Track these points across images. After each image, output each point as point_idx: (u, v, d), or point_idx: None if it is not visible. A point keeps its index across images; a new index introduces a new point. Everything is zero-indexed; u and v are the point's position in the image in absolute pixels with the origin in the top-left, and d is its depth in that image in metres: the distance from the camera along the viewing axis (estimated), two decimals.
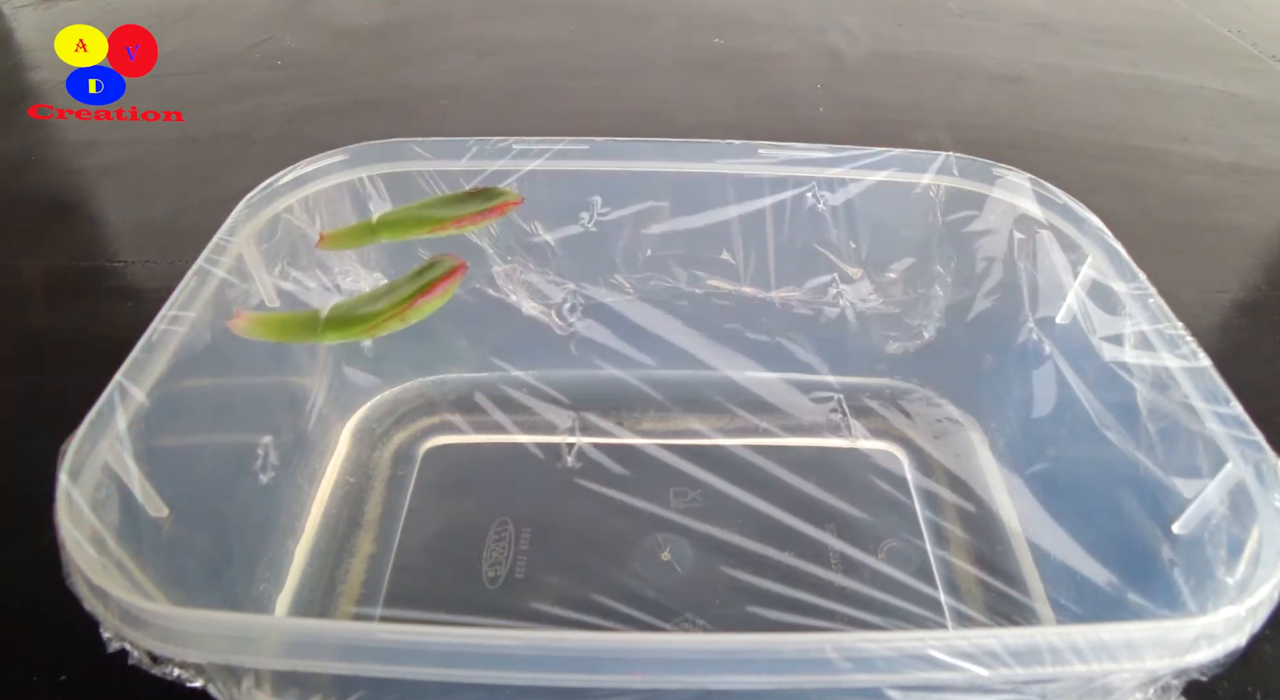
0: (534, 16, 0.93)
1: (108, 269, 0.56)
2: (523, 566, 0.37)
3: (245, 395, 0.37)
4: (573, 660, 0.22)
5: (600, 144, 0.41)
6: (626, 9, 0.95)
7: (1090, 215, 0.38)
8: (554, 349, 0.45)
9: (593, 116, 0.74)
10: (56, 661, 0.34)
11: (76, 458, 0.26)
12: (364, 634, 0.22)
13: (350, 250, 0.41)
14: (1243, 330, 0.53)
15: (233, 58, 0.84)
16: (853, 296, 0.44)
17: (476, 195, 0.36)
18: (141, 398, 0.29)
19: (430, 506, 0.40)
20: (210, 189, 0.63)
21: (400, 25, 0.91)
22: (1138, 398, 0.33)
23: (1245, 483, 0.27)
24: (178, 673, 0.24)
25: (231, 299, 0.35)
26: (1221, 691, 0.34)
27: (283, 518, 0.38)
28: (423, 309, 0.31)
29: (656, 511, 0.40)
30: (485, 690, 0.24)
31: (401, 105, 0.76)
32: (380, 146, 0.41)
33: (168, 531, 0.29)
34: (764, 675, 0.22)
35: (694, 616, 0.35)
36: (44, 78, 0.81)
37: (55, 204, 0.64)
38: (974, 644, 0.21)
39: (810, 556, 0.38)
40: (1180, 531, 0.30)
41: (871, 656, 0.21)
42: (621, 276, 0.44)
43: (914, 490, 0.41)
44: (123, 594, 0.22)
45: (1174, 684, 0.24)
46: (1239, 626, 0.23)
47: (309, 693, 0.27)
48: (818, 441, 0.44)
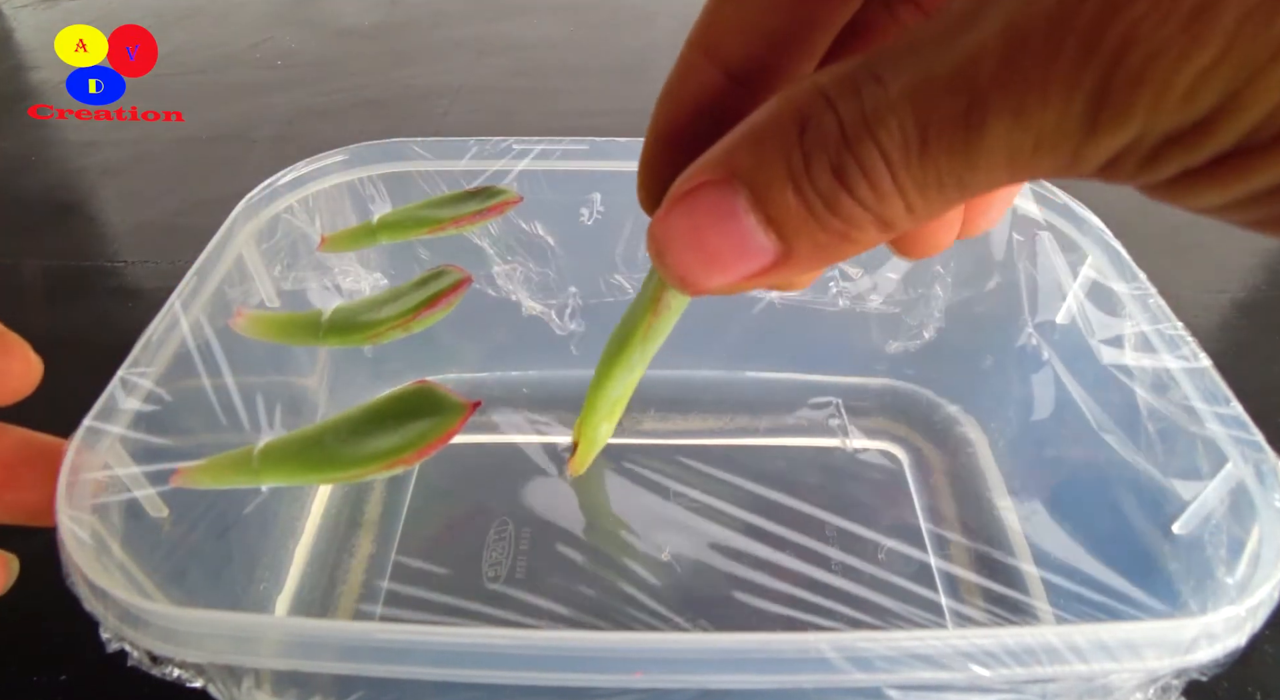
0: (534, 16, 0.93)
1: (108, 269, 0.56)
2: (523, 566, 0.37)
3: (245, 395, 0.37)
4: (572, 659, 0.22)
5: (600, 144, 0.41)
6: (626, 9, 0.95)
7: (1090, 215, 0.38)
8: (554, 349, 0.45)
9: (593, 116, 0.74)
10: (56, 661, 0.34)
11: (76, 458, 0.26)
12: (364, 633, 0.22)
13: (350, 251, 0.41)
14: (1243, 330, 0.53)
15: (233, 58, 0.84)
16: (853, 296, 0.44)
17: (476, 194, 0.36)
18: (142, 397, 0.29)
19: (430, 506, 0.40)
20: (210, 189, 0.63)
21: (400, 25, 0.91)
22: (1138, 398, 0.33)
23: (1245, 483, 0.27)
24: (178, 673, 0.24)
25: (231, 299, 0.35)
26: (1221, 691, 0.34)
27: (283, 518, 0.38)
28: (426, 321, 0.31)
29: (656, 511, 0.40)
30: (485, 690, 0.24)
31: (401, 105, 0.76)
32: (380, 146, 0.41)
33: (168, 531, 0.29)
34: (763, 674, 0.22)
35: (694, 616, 0.35)
36: (44, 78, 0.81)
37: (55, 204, 0.64)
38: (973, 643, 0.21)
39: (810, 557, 0.38)
40: (1180, 531, 0.30)
41: (871, 656, 0.21)
42: (621, 276, 0.44)
43: (914, 490, 0.41)
44: (123, 594, 0.22)
45: (1174, 684, 0.24)
46: (1239, 626, 0.23)
47: (309, 692, 0.27)
48: (818, 441, 0.44)
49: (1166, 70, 0.09)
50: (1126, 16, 0.09)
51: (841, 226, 0.12)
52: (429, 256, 0.43)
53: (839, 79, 0.11)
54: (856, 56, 0.12)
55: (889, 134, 0.11)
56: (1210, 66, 0.09)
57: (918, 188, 0.11)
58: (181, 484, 0.25)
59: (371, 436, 0.25)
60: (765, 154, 0.12)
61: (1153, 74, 0.09)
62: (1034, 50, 0.10)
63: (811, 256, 0.12)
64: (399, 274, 0.43)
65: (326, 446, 0.25)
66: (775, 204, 0.12)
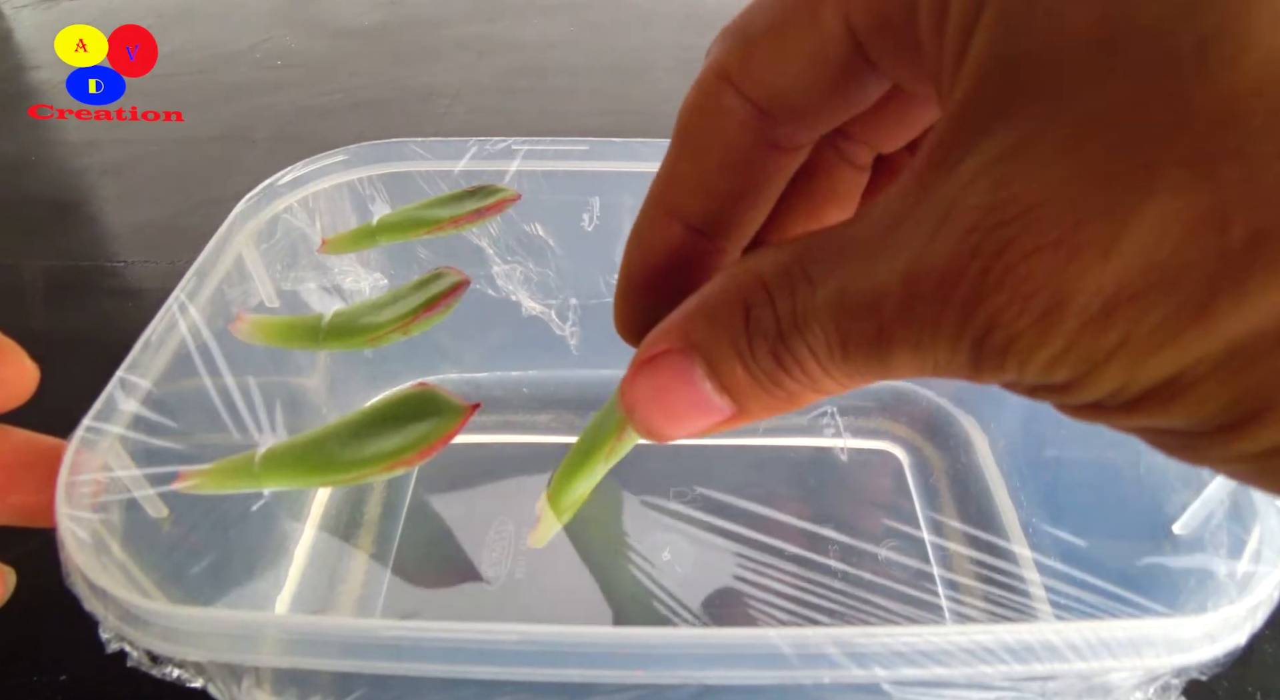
0: (534, 16, 0.93)
1: (108, 269, 0.56)
2: (523, 566, 0.37)
3: (245, 395, 0.37)
4: (573, 655, 0.22)
5: (600, 144, 0.41)
6: (626, 9, 0.95)
7: None
8: (554, 349, 0.45)
9: (593, 116, 0.74)
10: (56, 661, 0.34)
11: (76, 458, 0.26)
12: (364, 631, 0.22)
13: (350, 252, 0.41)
14: None
15: (233, 58, 0.84)
16: None
17: (474, 193, 0.36)
18: (141, 398, 0.29)
19: (430, 506, 0.40)
20: (210, 189, 0.63)
21: (400, 25, 0.91)
22: None
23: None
24: (177, 672, 0.24)
25: (231, 299, 0.35)
26: (1221, 691, 0.34)
27: (283, 518, 0.38)
28: (425, 323, 0.31)
29: (656, 511, 0.40)
30: (485, 687, 0.24)
31: (401, 105, 0.76)
32: (380, 146, 0.41)
33: (168, 531, 0.29)
34: (763, 670, 0.22)
35: (694, 616, 0.35)
36: (44, 78, 0.81)
37: (55, 204, 0.64)
38: (974, 640, 0.21)
39: (811, 557, 0.38)
40: (1180, 531, 0.30)
41: (871, 652, 0.21)
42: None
43: (914, 490, 0.41)
44: (122, 593, 0.22)
45: (1174, 683, 0.24)
46: (1239, 626, 0.23)
47: (309, 691, 0.27)
48: (818, 441, 0.44)
49: (1024, 352, 0.11)
50: (990, 305, 0.11)
51: (785, 394, 0.14)
52: (429, 257, 0.43)
53: (778, 272, 0.13)
54: (797, 240, 0.14)
55: (815, 338, 0.13)
56: (1058, 356, 0.11)
57: (844, 376, 0.13)
58: (184, 489, 0.25)
59: (372, 439, 0.25)
60: (716, 331, 0.14)
61: (1013, 352, 0.11)
62: (925, 305, 0.11)
63: (762, 413, 0.15)
64: (399, 274, 0.43)
65: (327, 450, 0.25)
66: (727, 375, 0.14)
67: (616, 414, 0.19)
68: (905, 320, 0.12)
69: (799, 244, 0.13)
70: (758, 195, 0.16)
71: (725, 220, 0.17)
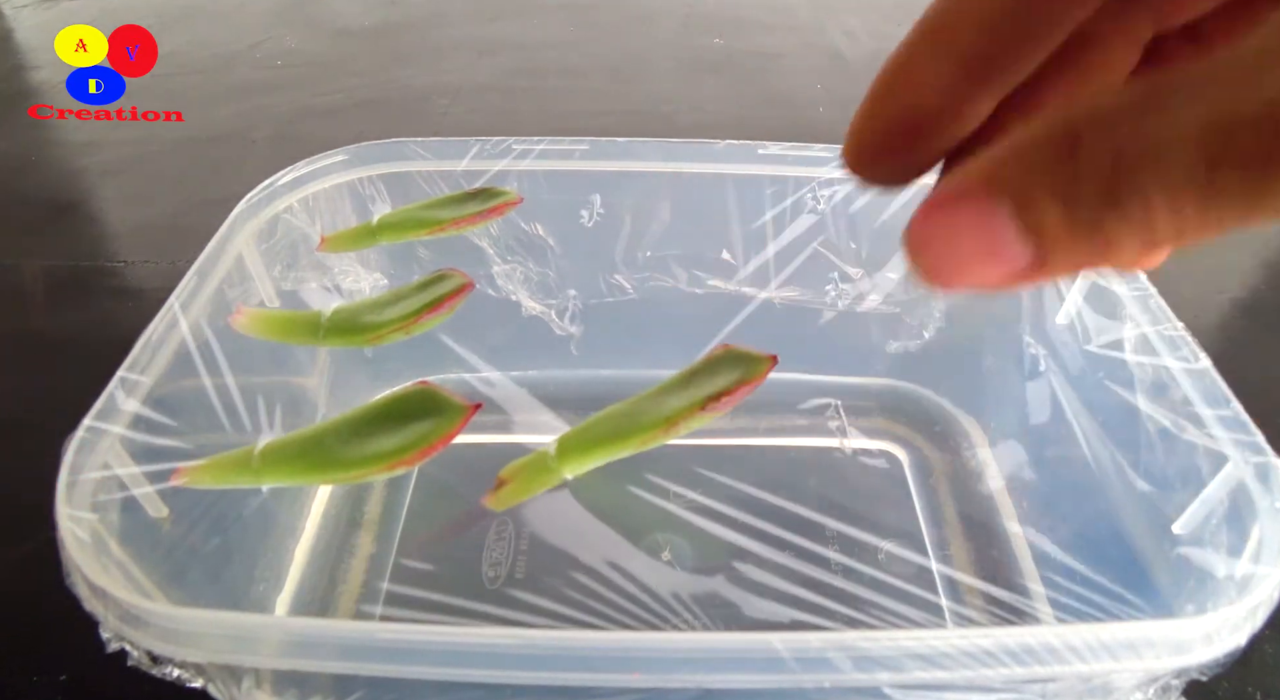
0: (534, 16, 0.93)
1: (108, 269, 0.56)
2: (523, 566, 0.37)
3: (245, 395, 0.37)
4: (573, 659, 0.22)
5: (600, 144, 0.41)
6: (626, 9, 0.95)
7: None
8: (554, 349, 0.45)
9: (593, 116, 0.74)
10: (56, 661, 0.34)
11: (76, 458, 0.26)
12: (364, 633, 0.22)
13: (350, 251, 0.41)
14: (1243, 330, 0.53)
15: (233, 58, 0.84)
16: (853, 296, 0.44)
17: (476, 195, 0.36)
18: (142, 397, 0.29)
19: (430, 506, 0.40)
20: (210, 189, 0.63)
21: (400, 25, 0.91)
22: (1137, 398, 0.33)
23: (1245, 483, 0.27)
24: (177, 673, 0.24)
25: (231, 299, 0.35)
26: (1221, 691, 0.34)
27: (283, 518, 0.38)
28: (427, 324, 0.31)
29: (656, 511, 0.40)
30: (484, 689, 0.24)
31: (401, 105, 0.76)
32: (380, 146, 0.41)
33: (168, 531, 0.29)
34: (763, 674, 0.22)
35: (694, 617, 0.35)
36: (44, 78, 0.81)
37: (55, 204, 0.64)
38: (974, 643, 0.21)
39: (810, 557, 0.38)
40: (1180, 532, 0.30)
41: (871, 655, 0.21)
42: (621, 276, 0.44)
43: (913, 490, 0.41)
44: (123, 594, 0.22)
45: (1174, 684, 0.24)
46: (1239, 626, 0.23)
47: (309, 692, 0.27)
48: (818, 441, 0.44)
49: None
50: None
51: (1103, 245, 0.12)
52: (429, 256, 0.43)
53: (1120, 104, 0.12)
54: (1136, 83, 0.12)
55: (1171, 162, 0.11)
56: None
57: (1196, 212, 0.11)
58: (183, 483, 0.25)
59: (373, 438, 0.25)
60: (1034, 168, 0.12)
61: None
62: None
63: (1065, 267, 0.13)
64: (399, 274, 0.43)
65: (327, 447, 0.25)
66: (1039, 214, 0.12)
67: (666, 410, 0.18)
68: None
69: (1141, 80, 0.12)
70: (1039, 41, 0.15)
71: (998, 63, 0.15)
